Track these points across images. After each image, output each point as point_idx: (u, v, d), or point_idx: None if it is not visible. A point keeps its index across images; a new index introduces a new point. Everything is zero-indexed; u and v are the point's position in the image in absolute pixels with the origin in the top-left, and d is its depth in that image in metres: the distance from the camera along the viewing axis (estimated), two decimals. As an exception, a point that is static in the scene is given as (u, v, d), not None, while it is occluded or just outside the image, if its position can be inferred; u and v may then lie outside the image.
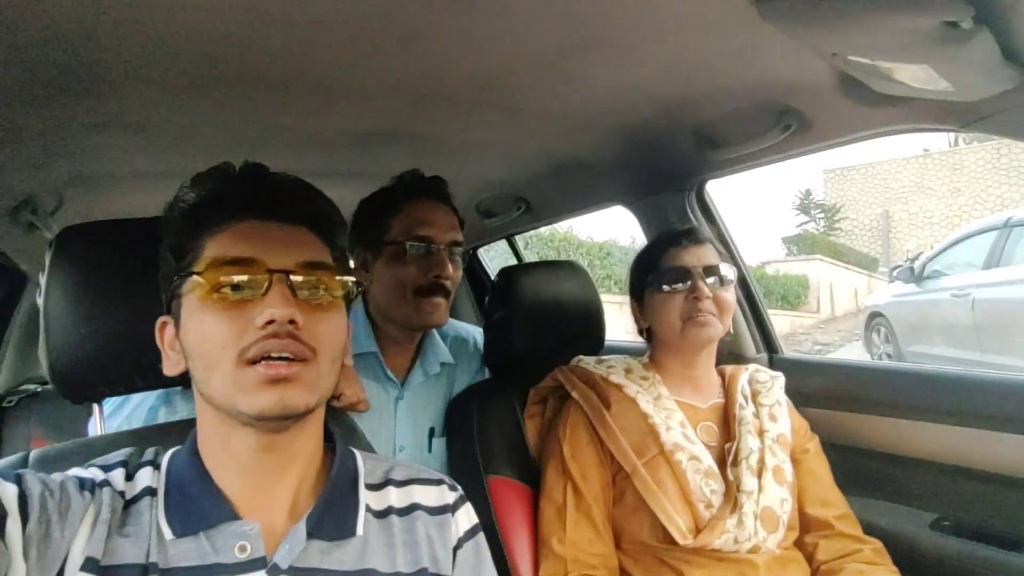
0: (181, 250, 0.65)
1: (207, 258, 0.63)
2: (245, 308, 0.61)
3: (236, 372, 0.60)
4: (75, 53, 0.86)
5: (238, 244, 0.64)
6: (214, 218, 0.65)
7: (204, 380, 0.63)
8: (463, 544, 0.75)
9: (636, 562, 1.12)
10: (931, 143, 18.58)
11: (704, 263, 1.21)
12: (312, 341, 0.63)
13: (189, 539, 0.61)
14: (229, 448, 0.65)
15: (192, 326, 0.63)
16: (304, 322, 0.61)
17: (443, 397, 1.42)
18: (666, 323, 1.22)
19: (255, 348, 0.60)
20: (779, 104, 1.15)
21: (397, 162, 1.33)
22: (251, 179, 0.68)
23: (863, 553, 1.13)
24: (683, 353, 1.25)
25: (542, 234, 8.96)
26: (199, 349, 0.62)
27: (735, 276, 1.25)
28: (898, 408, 1.35)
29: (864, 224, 18.39)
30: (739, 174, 1.51)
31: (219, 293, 0.61)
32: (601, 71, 1.05)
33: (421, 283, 1.24)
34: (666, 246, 1.25)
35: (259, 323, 0.60)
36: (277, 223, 0.66)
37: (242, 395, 0.60)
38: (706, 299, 1.17)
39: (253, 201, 0.66)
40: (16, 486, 0.55)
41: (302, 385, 0.62)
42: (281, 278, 0.62)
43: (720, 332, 1.20)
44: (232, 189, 0.67)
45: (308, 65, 0.98)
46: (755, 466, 1.12)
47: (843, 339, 10.63)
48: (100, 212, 0.96)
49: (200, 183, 0.68)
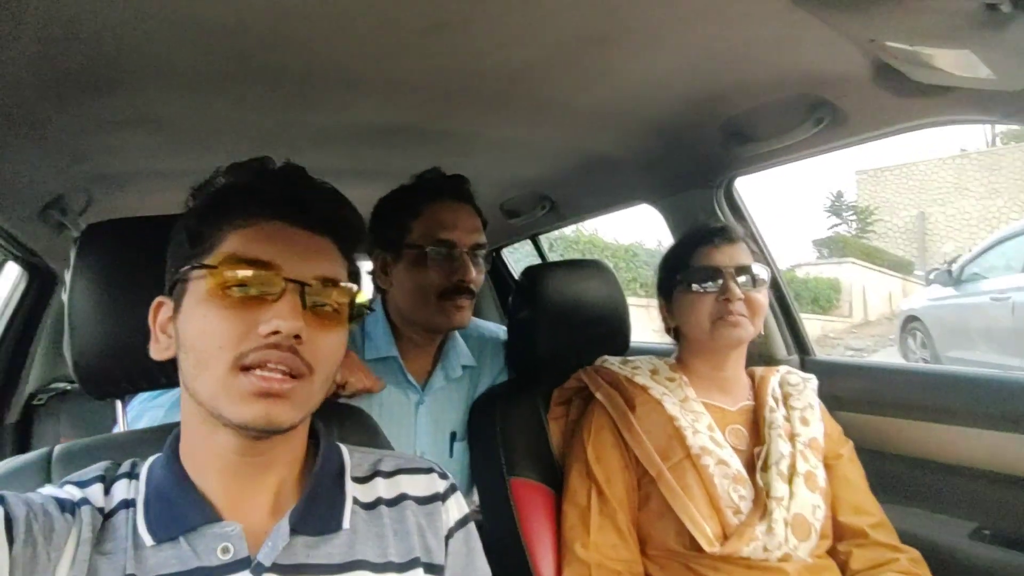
0: (199, 235, 0.64)
1: (226, 251, 0.62)
2: (251, 310, 0.60)
3: (228, 376, 0.59)
4: (100, 51, 0.87)
5: (260, 244, 0.62)
6: (241, 211, 0.64)
7: (192, 376, 0.61)
8: (454, 533, 0.74)
9: (662, 568, 1.09)
10: (968, 143, 18.12)
11: (736, 263, 1.17)
12: (311, 358, 0.61)
13: (169, 545, 0.60)
14: (210, 447, 0.64)
15: (193, 318, 0.61)
16: (307, 337, 0.60)
17: (465, 401, 1.40)
18: (695, 324, 1.19)
19: (253, 356, 0.58)
20: (812, 97, 1.11)
21: (421, 159, 1.32)
22: (288, 180, 0.67)
23: (899, 563, 1.08)
24: (712, 354, 1.22)
25: (567, 235, 8.94)
26: (195, 343, 0.61)
27: (768, 276, 1.21)
28: (935, 412, 1.31)
29: (898, 226, 17.97)
30: (769, 174, 1.47)
31: (229, 290, 0.60)
32: (628, 64, 1.03)
33: (444, 286, 1.22)
34: (697, 244, 1.22)
35: (264, 331, 0.58)
36: (304, 230, 0.65)
37: (229, 402, 0.59)
38: (737, 300, 1.14)
39: (284, 203, 0.64)
40: (1, 508, 0.54)
41: (291, 403, 0.61)
42: (295, 288, 0.61)
43: (751, 334, 1.17)
44: (266, 186, 0.65)
45: (331, 59, 0.98)
46: (786, 471, 1.09)
47: (876, 344, 10.40)
48: (126, 210, 0.97)
49: (235, 172, 0.67)
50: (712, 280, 1.17)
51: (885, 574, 1.07)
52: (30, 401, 2.19)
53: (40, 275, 1.92)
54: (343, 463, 0.74)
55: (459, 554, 0.73)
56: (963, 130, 8.28)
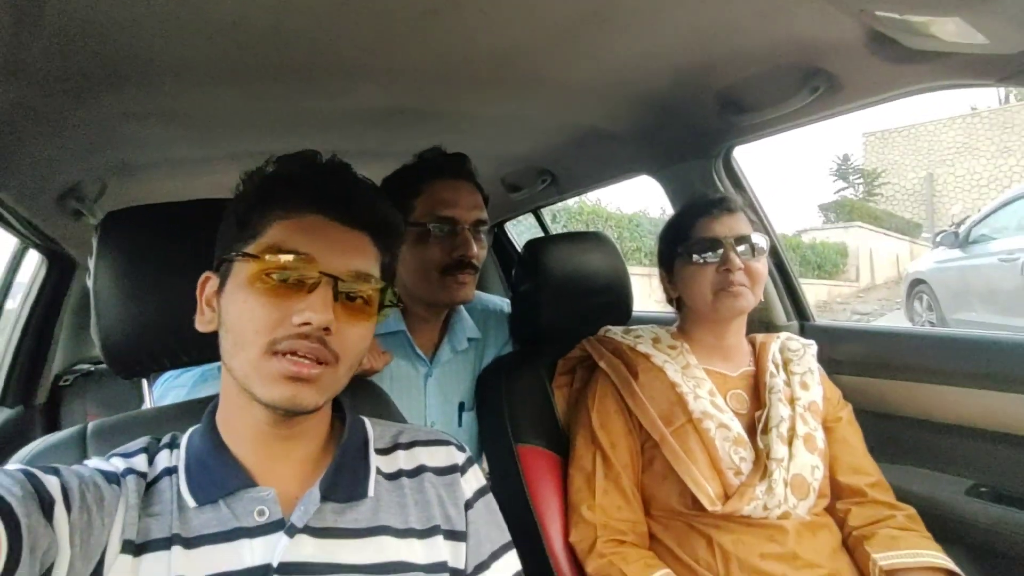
0: (246, 221, 0.68)
1: (268, 241, 0.66)
2: (286, 299, 0.64)
3: (260, 359, 0.63)
4: (114, 47, 0.90)
5: (301, 236, 0.66)
6: (284, 201, 0.67)
7: (231, 354, 0.66)
8: (473, 503, 0.78)
9: (665, 528, 1.14)
10: (979, 101, 17.77)
11: (736, 233, 1.19)
12: (338, 348, 0.65)
13: (210, 507, 0.65)
14: (246, 417, 0.69)
15: (234, 300, 0.66)
16: (336, 328, 0.64)
17: (471, 372, 1.44)
18: (697, 294, 1.21)
19: (286, 343, 0.63)
20: (806, 65, 1.11)
21: (422, 140, 1.34)
22: (331, 174, 0.70)
23: (896, 519, 1.12)
24: (714, 324, 1.24)
25: (570, 207, 8.89)
26: (234, 325, 0.65)
27: (767, 246, 1.23)
28: (932, 373, 1.33)
29: (906, 189, 17.73)
30: (772, 140, 1.47)
31: (267, 278, 0.64)
32: (620, 39, 1.03)
33: (446, 262, 1.24)
34: (697, 215, 1.23)
35: (296, 321, 0.62)
36: (342, 225, 0.68)
37: (260, 382, 0.63)
38: (738, 270, 1.16)
39: (327, 197, 0.68)
40: (56, 478, 0.58)
41: (317, 387, 0.65)
42: (329, 282, 0.64)
43: (752, 303, 1.19)
44: (311, 179, 0.69)
45: (330, 49, 1.00)
46: (785, 434, 1.12)
47: (883, 308, 10.37)
48: (140, 198, 1.00)
49: (284, 163, 0.71)
50: (712, 251, 1.19)
51: (882, 530, 1.11)
52: (56, 383, 2.26)
53: (60, 261, 1.96)
54: (367, 436, 0.78)
55: (479, 523, 0.77)
56: (974, 89, 8.14)
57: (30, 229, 1.57)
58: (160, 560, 0.61)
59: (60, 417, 2.21)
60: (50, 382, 2.19)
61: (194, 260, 0.73)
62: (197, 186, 1.69)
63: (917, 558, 1.05)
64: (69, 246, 1.85)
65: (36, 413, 2.10)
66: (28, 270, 2.05)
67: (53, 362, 2.16)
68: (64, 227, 1.63)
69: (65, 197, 1.42)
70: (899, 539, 1.08)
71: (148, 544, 0.62)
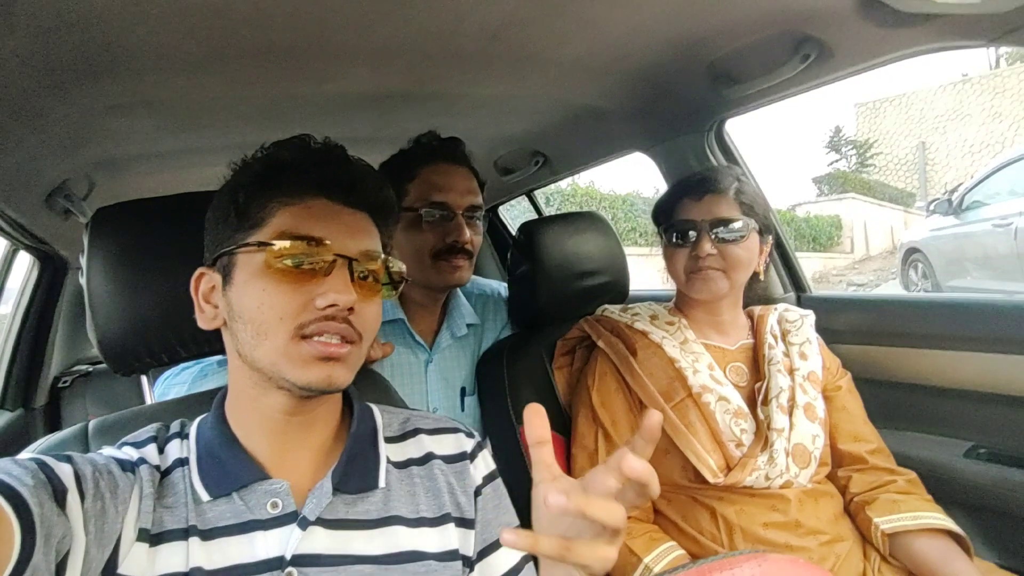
0: (247, 210, 0.67)
1: (277, 228, 0.66)
2: (306, 284, 0.64)
3: (289, 344, 0.63)
4: (91, 37, 0.88)
5: (310, 221, 0.66)
6: (289, 188, 0.67)
7: (252, 345, 0.65)
8: (482, 490, 0.78)
9: (670, 503, 1.15)
10: (970, 67, 17.68)
11: (713, 216, 1.17)
12: (360, 326, 0.67)
13: (223, 500, 0.65)
14: (258, 410, 0.69)
15: (249, 291, 0.65)
16: (357, 307, 0.66)
17: (471, 357, 1.45)
18: (674, 275, 1.24)
19: (313, 326, 0.64)
20: (797, 33, 1.10)
21: (413, 123, 1.33)
22: (331, 158, 0.70)
23: (896, 484, 1.14)
24: (701, 302, 1.24)
25: (563, 189, 8.87)
26: (254, 315, 0.64)
27: (751, 228, 1.19)
28: (928, 338, 1.34)
29: (899, 158, 17.72)
30: (765, 112, 1.47)
31: (283, 264, 0.64)
32: (608, 13, 1.02)
33: (439, 247, 1.24)
34: (681, 195, 1.23)
35: (321, 304, 0.63)
36: (347, 207, 0.69)
37: (291, 366, 0.64)
38: (707, 255, 1.16)
39: (330, 181, 0.68)
40: (70, 465, 0.58)
41: (347, 364, 0.67)
42: (345, 263, 0.66)
43: (725, 288, 1.18)
44: (312, 164, 0.69)
45: (314, 32, 0.98)
46: (786, 404, 1.13)
47: (879, 278, 10.43)
48: (129, 192, 0.99)
49: (279, 149, 0.70)
50: (685, 234, 1.19)
51: (883, 494, 1.12)
52: (55, 384, 2.26)
53: (52, 262, 1.95)
54: (376, 424, 0.78)
55: (487, 509, 0.77)
56: (965, 55, 8.03)
57: (19, 230, 1.56)
58: (178, 551, 0.62)
59: (61, 418, 2.21)
60: (49, 384, 2.19)
61: (188, 253, 0.72)
62: (187, 179, 1.67)
63: (918, 520, 1.07)
64: (60, 246, 1.84)
65: (37, 415, 2.10)
66: (20, 272, 2.04)
67: (51, 364, 2.16)
68: (54, 227, 1.61)
69: (53, 196, 1.41)
70: (900, 503, 1.10)
71: (164, 534, 0.62)
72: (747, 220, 1.19)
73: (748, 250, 1.19)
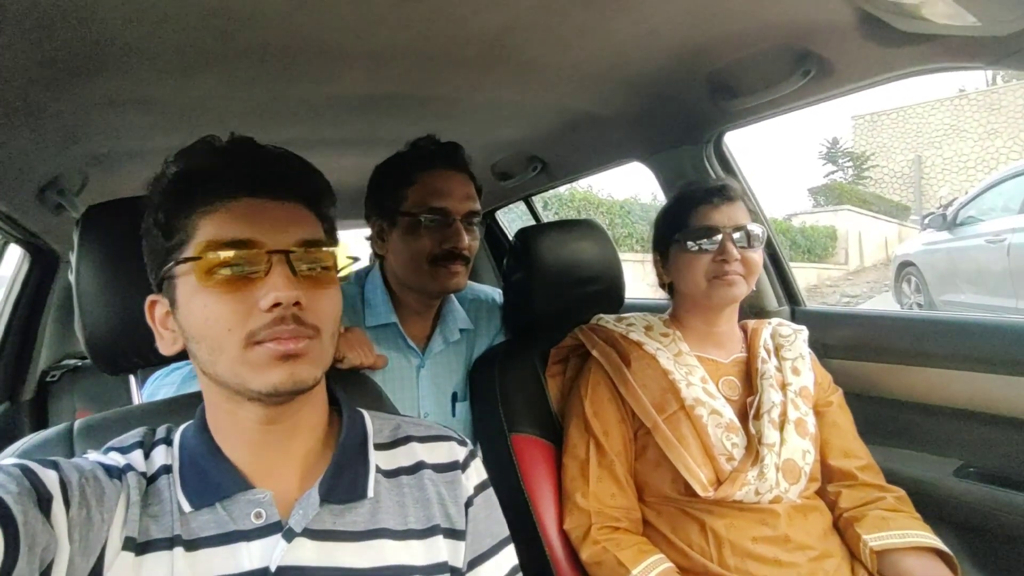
0: (170, 228, 0.64)
1: (202, 239, 0.62)
2: (247, 289, 0.61)
3: (244, 353, 0.61)
4: (86, 34, 0.87)
5: (234, 224, 0.62)
6: (205, 195, 0.63)
7: (210, 361, 0.63)
8: (473, 500, 0.76)
9: (659, 514, 1.14)
10: (967, 83, 17.84)
11: (735, 223, 1.18)
12: (315, 320, 0.63)
13: (207, 511, 0.64)
14: (236, 423, 0.66)
15: (193, 309, 0.62)
16: (305, 301, 0.62)
17: (464, 363, 1.44)
18: (692, 282, 1.21)
19: (264, 333, 0.60)
20: (798, 48, 1.10)
21: (410, 126, 1.32)
22: (243, 154, 0.66)
23: (885, 501, 1.14)
24: (706, 311, 1.24)
25: (561, 195, 8.87)
26: (203, 332, 0.62)
27: (764, 235, 1.22)
28: (920, 356, 1.34)
29: (895, 171, 17.81)
30: (761, 124, 1.47)
31: (218, 275, 0.61)
32: (609, 21, 1.02)
33: (436, 252, 1.23)
34: (697, 203, 1.22)
35: (264, 306, 0.60)
36: (272, 200, 0.65)
37: (253, 373, 0.61)
38: (734, 260, 1.16)
39: (247, 178, 0.64)
40: (55, 472, 0.56)
41: (310, 359, 0.63)
42: (282, 258, 0.62)
43: (745, 292, 1.19)
44: (224, 165, 0.64)
45: (312, 33, 0.98)
46: (777, 419, 1.13)
47: (872, 290, 10.47)
48: (121, 189, 0.99)
49: (186, 157, 0.66)
50: (710, 239, 1.18)
51: (872, 511, 1.12)
52: (43, 379, 2.23)
53: (42, 256, 1.93)
54: (366, 430, 0.76)
55: (478, 519, 0.76)
56: (964, 72, 8.11)
57: (10, 224, 1.54)
58: (162, 561, 0.60)
59: (48, 413, 2.19)
60: (36, 378, 2.17)
61: None
62: None
63: (906, 538, 1.07)
64: (52, 240, 1.82)
65: (23, 409, 2.08)
66: (10, 265, 2.02)
67: (39, 358, 2.14)
68: (46, 221, 1.60)
69: (45, 191, 1.40)
70: (889, 520, 1.10)
71: (150, 544, 0.61)
72: (759, 225, 1.21)
73: (761, 256, 1.21)
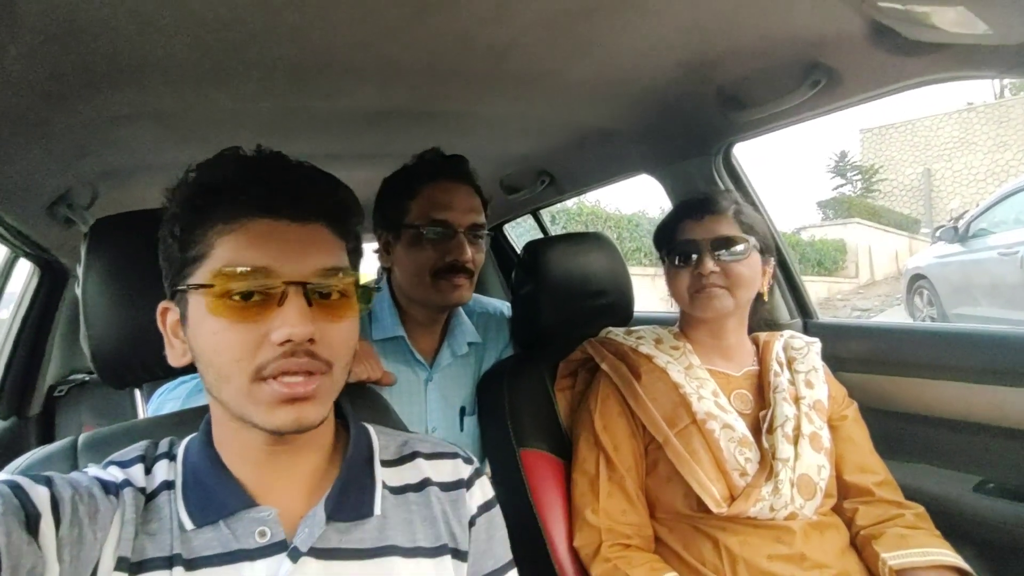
0: (186, 242, 0.62)
1: (216, 265, 0.59)
2: (259, 319, 0.58)
3: (251, 387, 0.59)
4: (97, 48, 0.88)
5: (251, 249, 0.59)
6: (225, 213, 0.60)
7: (216, 387, 0.61)
8: (476, 520, 0.75)
9: (671, 531, 1.12)
10: (975, 96, 17.80)
11: (713, 235, 1.18)
12: (328, 355, 0.61)
13: (209, 528, 0.62)
14: (242, 441, 0.65)
15: (203, 333, 0.60)
16: (320, 334, 0.59)
17: (471, 376, 1.43)
18: (677, 296, 1.24)
19: (272, 367, 0.58)
20: (807, 59, 1.10)
21: (419, 140, 1.32)
22: (265, 170, 0.63)
23: (904, 518, 1.11)
24: (705, 323, 1.23)
25: (569, 209, 8.88)
26: (212, 359, 0.60)
27: (752, 246, 1.19)
28: (937, 369, 1.32)
29: (904, 184, 17.78)
30: (770, 137, 1.47)
31: (230, 301, 0.58)
32: (617, 34, 1.02)
33: (439, 265, 1.22)
34: (682, 218, 1.24)
35: (276, 340, 0.57)
36: (293, 222, 0.61)
37: (257, 410, 0.59)
38: (710, 273, 1.16)
39: (266, 197, 0.61)
40: (47, 488, 0.55)
41: (318, 401, 0.61)
42: (298, 290, 0.59)
43: (730, 305, 1.18)
44: (244, 181, 0.61)
45: (322, 48, 0.98)
46: (791, 433, 1.11)
47: (883, 304, 10.39)
48: (132, 203, 0.99)
49: (208, 169, 0.63)
50: (688, 255, 1.19)
51: (891, 528, 1.09)
52: (51, 393, 2.24)
53: (52, 270, 1.94)
54: (372, 446, 0.74)
55: (480, 540, 0.74)
56: (970, 83, 8.07)
57: (20, 238, 1.55)
58: None
59: (55, 428, 2.19)
60: (44, 393, 2.17)
61: None
62: None
63: (927, 556, 1.04)
64: (61, 255, 1.83)
65: (30, 424, 2.08)
66: (20, 279, 2.03)
67: (47, 372, 2.14)
68: (55, 235, 1.61)
69: (55, 205, 1.41)
70: (908, 538, 1.07)
71: (145, 563, 0.59)
72: (748, 238, 1.19)
73: (750, 268, 1.19)
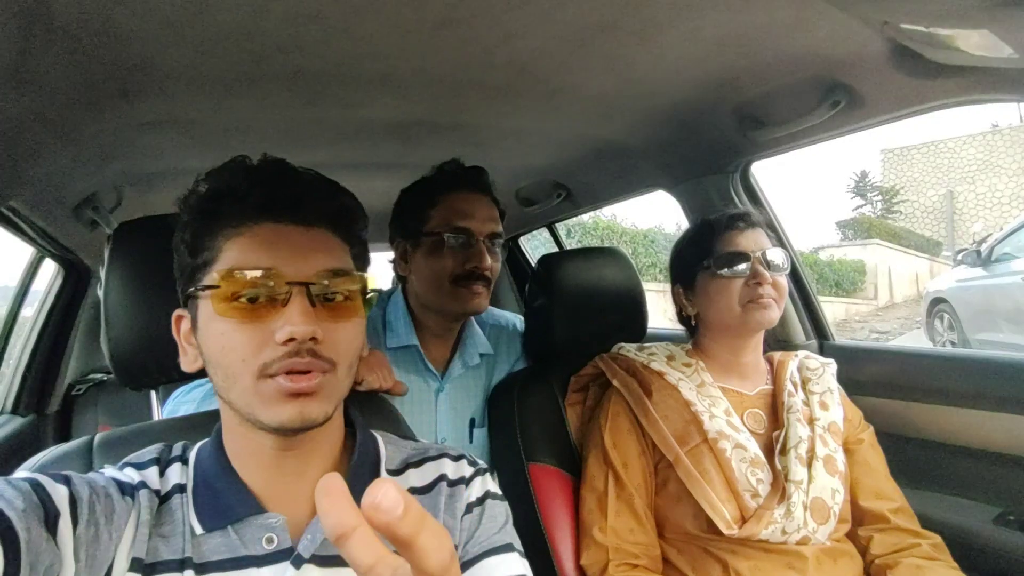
0: (196, 247, 0.64)
1: (223, 267, 0.62)
2: (263, 319, 0.61)
3: (257, 385, 0.60)
4: (127, 56, 0.90)
5: (256, 251, 0.62)
6: (231, 218, 0.63)
7: (225, 388, 0.63)
8: (472, 509, 0.73)
9: (680, 552, 1.11)
10: (1000, 118, 17.58)
11: (762, 247, 1.18)
12: (331, 354, 0.62)
13: (218, 533, 0.63)
14: (251, 446, 0.66)
15: (210, 334, 0.62)
16: (324, 333, 0.61)
17: (483, 388, 1.43)
18: (725, 308, 1.19)
19: (277, 365, 0.60)
20: (827, 79, 1.09)
21: (437, 151, 1.34)
22: (270, 176, 0.66)
23: (921, 548, 1.08)
24: (734, 339, 1.22)
25: (585, 223, 8.89)
26: (219, 360, 0.62)
27: (787, 261, 1.21)
28: (957, 396, 1.29)
29: (926, 206, 17.56)
30: (789, 155, 1.46)
31: (236, 303, 0.61)
32: (638, 51, 1.02)
33: (458, 272, 1.24)
34: (721, 230, 1.21)
35: (279, 339, 0.59)
36: (297, 226, 0.64)
37: (263, 407, 0.61)
38: (768, 283, 1.15)
39: (272, 202, 0.64)
40: (66, 487, 0.56)
41: (321, 397, 0.62)
42: (301, 290, 0.61)
43: (777, 317, 1.17)
44: (249, 187, 0.64)
45: (343, 59, 1.00)
46: (804, 455, 1.09)
47: (903, 327, 10.23)
48: (155, 207, 1.01)
49: (216, 177, 0.66)
50: (740, 264, 1.17)
51: (906, 559, 1.07)
52: (69, 392, 2.27)
53: (75, 271, 1.98)
54: (378, 454, 0.75)
55: (469, 529, 0.72)
56: (994, 105, 7.97)
57: (46, 239, 1.59)
58: None
59: (72, 426, 2.22)
60: (63, 391, 2.21)
61: None
62: None
63: None
64: (85, 256, 1.87)
65: (48, 422, 2.11)
66: (44, 278, 2.07)
67: (67, 371, 2.18)
68: (80, 237, 1.64)
69: (81, 207, 1.44)
70: (924, 569, 1.04)
71: (158, 565, 0.60)
72: (783, 252, 1.20)
73: (787, 282, 1.21)
